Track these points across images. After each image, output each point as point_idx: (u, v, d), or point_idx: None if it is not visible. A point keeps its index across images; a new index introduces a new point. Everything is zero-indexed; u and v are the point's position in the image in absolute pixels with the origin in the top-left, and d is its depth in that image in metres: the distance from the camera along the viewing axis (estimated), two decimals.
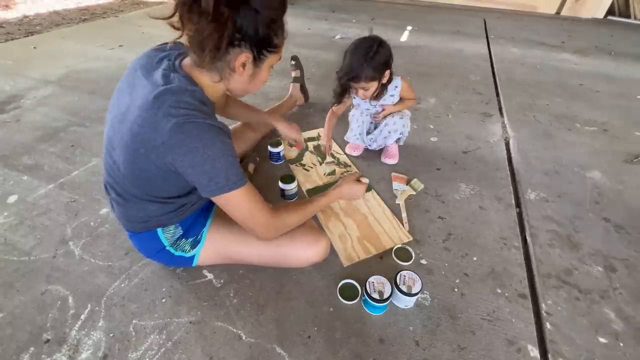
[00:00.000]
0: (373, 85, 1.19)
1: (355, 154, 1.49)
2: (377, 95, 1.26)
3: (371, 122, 1.45)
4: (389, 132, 1.37)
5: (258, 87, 0.77)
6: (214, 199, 0.70)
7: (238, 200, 0.71)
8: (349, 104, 1.44)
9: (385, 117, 1.38)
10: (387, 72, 1.20)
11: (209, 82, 0.70)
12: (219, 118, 0.73)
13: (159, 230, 0.83)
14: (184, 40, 0.63)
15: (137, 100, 0.65)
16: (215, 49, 0.60)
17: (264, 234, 0.80)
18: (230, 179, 0.67)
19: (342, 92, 1.28)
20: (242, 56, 0.65)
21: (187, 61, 0.70)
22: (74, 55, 2.46)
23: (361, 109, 1.41)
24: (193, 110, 0.63)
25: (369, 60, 1.13)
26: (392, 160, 1.43)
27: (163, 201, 0.78)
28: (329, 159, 1.44)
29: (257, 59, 0.68)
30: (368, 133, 1.45)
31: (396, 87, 1.32)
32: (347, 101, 1.39)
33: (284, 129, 1.31)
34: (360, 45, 1.16)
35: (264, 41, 0.66)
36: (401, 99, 1.37)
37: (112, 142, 0.72)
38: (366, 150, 1.50)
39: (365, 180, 1.11)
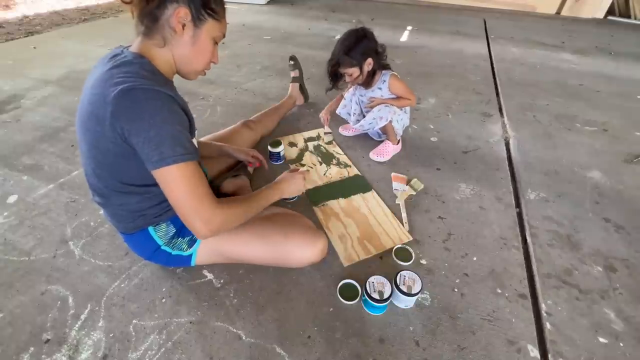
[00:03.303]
0: (354, 72, 1.31)
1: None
2: (366, 83, 1.38)
3: (362, 104, 1.52)
4: (374, 119, 1.39)
5: (204, 61, 0.75)
6: (158, 176, 0.65)
7: (182, 178, 0.65)
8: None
9: (373, 106, 1.43)
10: (369, 61, 1.30)
11: (157, 54, 0.70)
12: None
13: (151, 229, 0.83)
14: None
15: (89, 84, 0.68)
16: None
17: (204, 228, 0.70)
18: (177, 150, 0.63)
19: (332, 77, 1.36)
20: (180, 11, 0.65)
21: (134, 43, 0.72)
22: (74, 55, 2.46)
23: (355, 91, 1.50)
24: (141, 78, 0.63)
25: (346, 49, 1.26)
26: (380, 158, 1.44)
27: (139, 191, 0.75)
28: (326, 129, 1.58)
29: (196, 19, 0.68)
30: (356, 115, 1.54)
31: (384, 81, 1.39)
32: (342, 89, 1.51)
33: (240, 153, 1.23)
34: (345, 35, 1.30)
35: (203, 0, 0.68)
36: (396, 99, 1.42)
37: (79, 134, 0.73)
38: (366, 149, 1.50)
39: (302, 169, 1.12)
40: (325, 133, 1.57)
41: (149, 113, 0.61)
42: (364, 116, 1.48)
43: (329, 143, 1.55)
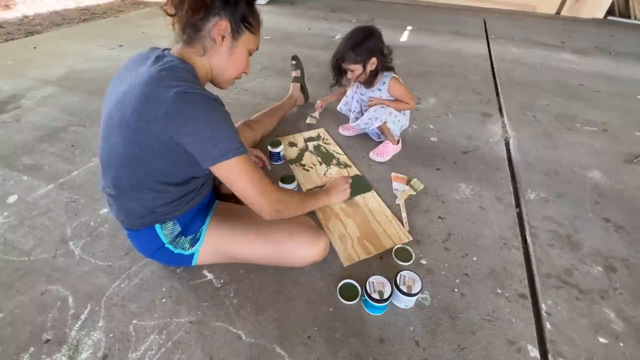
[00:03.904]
0: (357, 69, 1.30)
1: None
2: (367, 82, 1.38)
3: (362, 109, 1.54)
4: (369, 119, 1.40)
5: (238, 70, 0.82)
6: (218, 170, 0.71)
7: (243, 168, 0.72)
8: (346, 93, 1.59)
9: (370, 106, 1.44)
10: (373, 60, 1.29)
11: (197, 62, 0.75)
12: None
13: (157, 226, 0.83)
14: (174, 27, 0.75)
15: (135, 81, 0.69)
16: (198, 8, 0.69)
17: (272, 207, 0.80)
18: (233, 144, 0.70)
19: (336, 72, 1.36)
20: (222, 23, 0.72)
21: (175, 48, 0.77)
22: (74, 55, 2.46)
23: (356, 89, 1.52)
24: (191, 83, 0.68)
25: (352, 45, 1.26)
26: (380, 158, 1.44)
27: (158, 188, 0.77)
28: (315, 114, 1.67)
29: (235, 31, 0.74)
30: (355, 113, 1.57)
31: (384, 83, 1.39)
32: (346, 86, 1.52)
33: None
34: (352, 32, 1.30)
35: (242, 15, 0.74)
36: (395, 102, 1.42)
37: (110, 128, 0.74)
38: (366, 149, 1.50)
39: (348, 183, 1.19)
40: (310, 115, 1.67)
41: (205, 113, 0.66)
42: (363, 114, 1.49)
43: (310, 124, 1.67)
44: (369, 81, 1.37)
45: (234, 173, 0.73)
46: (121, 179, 0.77)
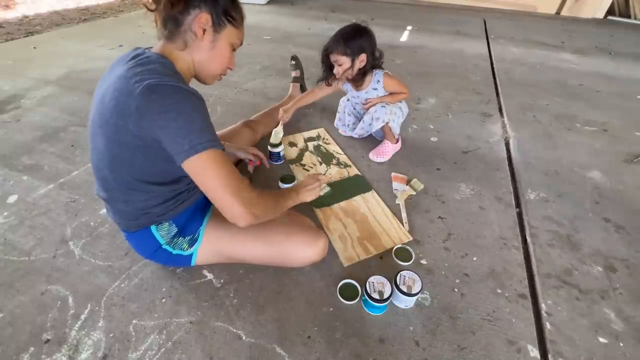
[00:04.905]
0: (345, 62, 1.28)
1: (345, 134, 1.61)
2: (355, 81, 1.36)
3: (358, 112, 1.53)
4: (372, 120, 1.39)
5: (222, 66, 0.80)
6: (190, 167, 0.66)
7: (214, 165, 0.66)
8: (333, 91, 1.52)
9: (369, 107, 1.42)
10: (363, 57, 1.28)
11: (178, 57, 0.74)
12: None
13: (153, 227, 0.83)
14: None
15: (112, 81, 0.69)
16: (177, 0, 0.68)
17: (247, 209, 0.70)
18: (206, 136, 0.65)
19: (326, 67, 1.37)
20: (202, 16, 0.70)
21: (156, 46, 0.76)
22: (74, 55, 2.46)
23: (348, 97, 1.51)
24: (165, 76, 0.66)
25: (344, 37, 1.26)
26: (380, 158, 1.43)
27: (144, 189, 0.76)
28: (278, 128, 1.40)
29: (216, 24, 0.73)
30: (353, 124, 1.55)
31: (378, 81, 1.38)
32: (331, 85, 1.46)
33: (241, 152, 1.29)
34: (345, 26, 1.31)
35: (224, 8, 0.72)
36: (391, 94, 1.41)
37: (94, 130, 0.74)
38: (366, 149, 1.50)
39: (323, 185, 1.08)
40: (274, 131, 1.38)
41: (176, 105, 0.63)
42: (359, 121, 1.48)
43: (273, 143, 1.36)
44: (357, 80, 1.35)
45: (205, 169, 0.66)
46: (109, 181, 0.76)
